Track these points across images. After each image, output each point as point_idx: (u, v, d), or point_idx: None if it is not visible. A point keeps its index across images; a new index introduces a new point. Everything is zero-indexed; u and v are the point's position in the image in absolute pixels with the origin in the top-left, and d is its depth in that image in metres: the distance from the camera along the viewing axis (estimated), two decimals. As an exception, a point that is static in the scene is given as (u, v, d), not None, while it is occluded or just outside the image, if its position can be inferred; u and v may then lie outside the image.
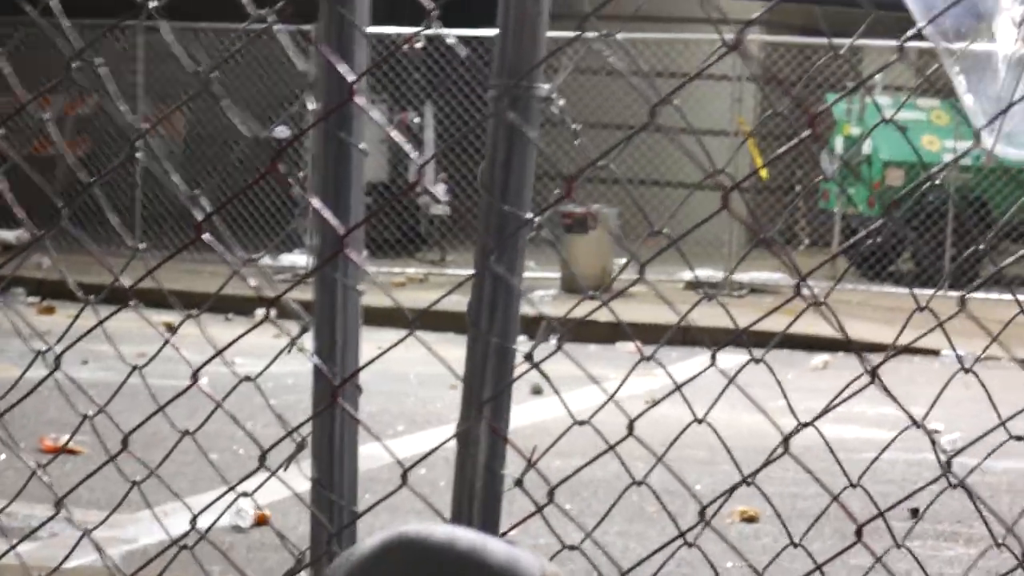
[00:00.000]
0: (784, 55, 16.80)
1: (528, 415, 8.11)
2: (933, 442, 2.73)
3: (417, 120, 16.34)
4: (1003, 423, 2.83)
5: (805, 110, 2.64)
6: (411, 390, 10.11)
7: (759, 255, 11.37)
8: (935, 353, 10.53)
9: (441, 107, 16.39)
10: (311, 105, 2.77)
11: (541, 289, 15.44)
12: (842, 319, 2.70)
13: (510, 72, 2.61)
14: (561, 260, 14.96)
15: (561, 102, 2.70)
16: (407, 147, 3.29)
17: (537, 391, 9.15)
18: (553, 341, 2.60)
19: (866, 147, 10.21)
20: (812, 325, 2.62)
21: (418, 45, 14.48)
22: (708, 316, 2.85)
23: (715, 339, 2.73)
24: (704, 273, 14.06)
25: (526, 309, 2.66)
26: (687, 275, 13.47)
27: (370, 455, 2.97)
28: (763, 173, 9.67)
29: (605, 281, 12.73)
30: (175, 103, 16.55)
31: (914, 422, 2.68)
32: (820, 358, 11.70)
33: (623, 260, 14.20)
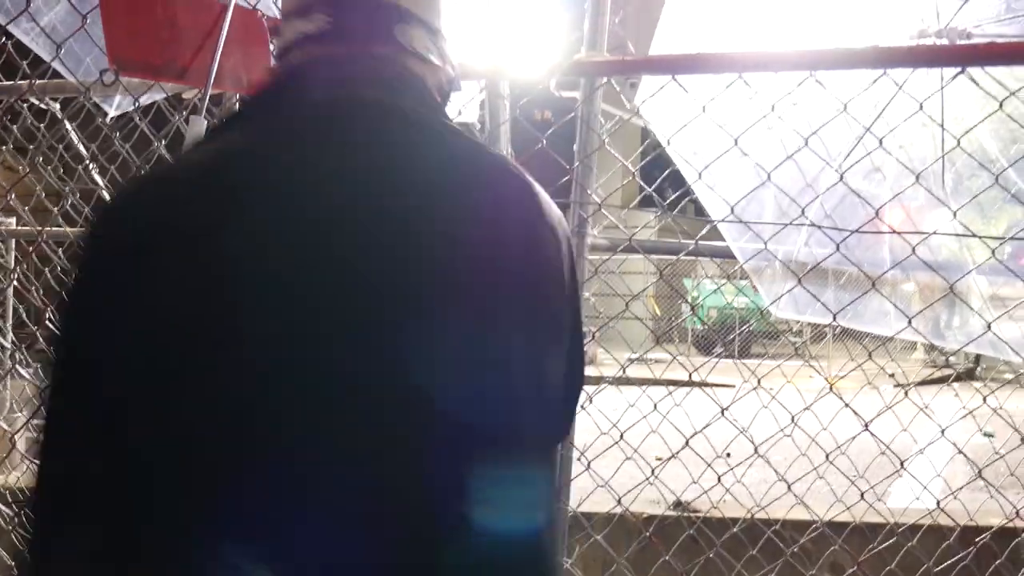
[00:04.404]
0: (666, 260, 20.26)
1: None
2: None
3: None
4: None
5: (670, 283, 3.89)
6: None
7: (662, 347, 13.20)
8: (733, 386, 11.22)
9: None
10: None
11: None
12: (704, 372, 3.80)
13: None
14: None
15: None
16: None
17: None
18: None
19: (700, 299, 12.77)
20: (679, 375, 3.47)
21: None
22: (642, 371, 3.37)
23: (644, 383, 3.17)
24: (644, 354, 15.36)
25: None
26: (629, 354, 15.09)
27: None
28: (658, 311, 12.00)
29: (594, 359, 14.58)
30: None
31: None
32: (683, 390, 12.93)
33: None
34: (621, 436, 2.66)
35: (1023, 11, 2.41)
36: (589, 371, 1.11)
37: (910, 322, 2.31)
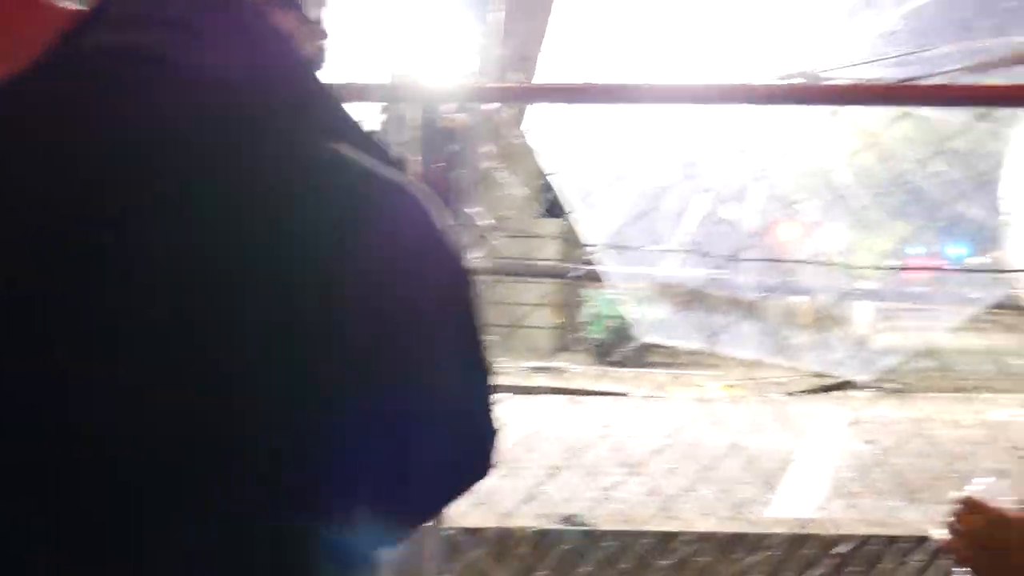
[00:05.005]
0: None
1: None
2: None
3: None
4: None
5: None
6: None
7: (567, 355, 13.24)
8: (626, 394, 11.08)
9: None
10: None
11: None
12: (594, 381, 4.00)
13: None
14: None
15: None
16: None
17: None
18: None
19: (598, 310, 13.01)
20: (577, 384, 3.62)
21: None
22: (540, 380, 4.11)
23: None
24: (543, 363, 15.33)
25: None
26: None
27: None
28: (558, 320, 12.30)
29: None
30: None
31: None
32: (580, 398, 12.32)
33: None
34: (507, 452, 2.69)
35: (885, 55, 2.57)
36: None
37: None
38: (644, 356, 9.32)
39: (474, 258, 2.46)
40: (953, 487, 1.46)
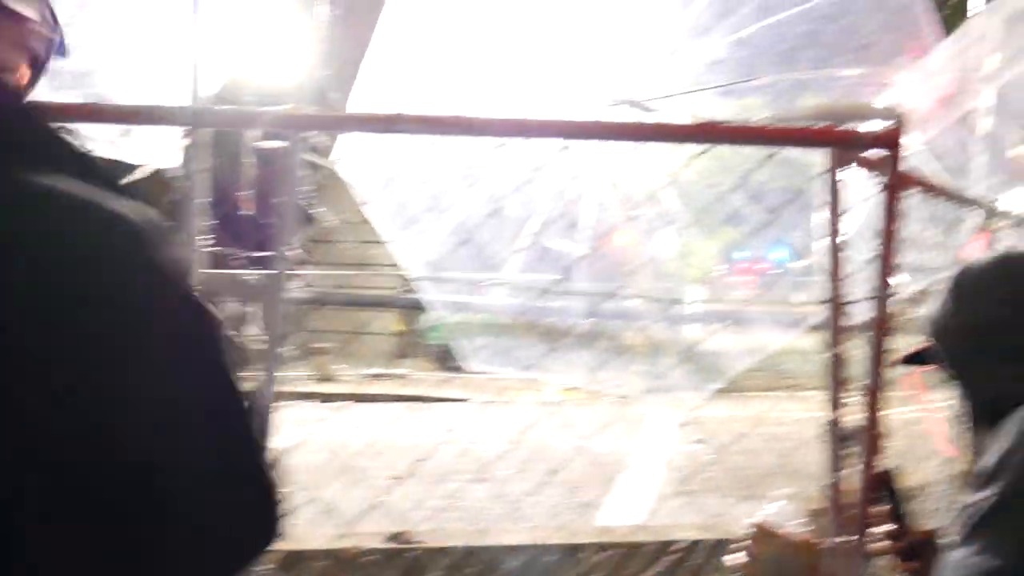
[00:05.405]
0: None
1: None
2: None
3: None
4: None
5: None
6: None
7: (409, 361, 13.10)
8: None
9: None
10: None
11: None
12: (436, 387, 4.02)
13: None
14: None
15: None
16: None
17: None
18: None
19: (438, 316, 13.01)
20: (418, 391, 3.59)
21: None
22: (381, 387, 4.08)
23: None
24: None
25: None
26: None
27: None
28: (401, 329, 12.05)
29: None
30: None
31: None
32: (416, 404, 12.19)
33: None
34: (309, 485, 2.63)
35: (710, 84, 2.62)
36: (332, 388, 0.93)
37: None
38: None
39: (294, 288, 2.36)
40: (776, 486, 1.51)
